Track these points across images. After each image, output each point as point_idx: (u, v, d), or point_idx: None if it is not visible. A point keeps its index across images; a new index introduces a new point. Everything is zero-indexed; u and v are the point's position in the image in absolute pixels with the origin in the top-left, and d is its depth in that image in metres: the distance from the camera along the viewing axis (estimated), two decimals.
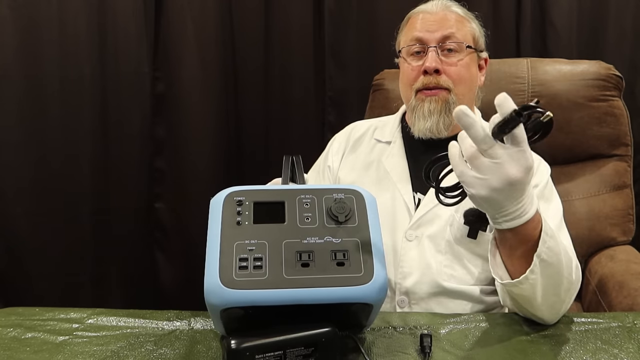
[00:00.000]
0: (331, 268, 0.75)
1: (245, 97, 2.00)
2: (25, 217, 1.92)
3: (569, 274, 0.91)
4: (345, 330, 0.82)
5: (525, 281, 0.87)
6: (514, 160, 0.77)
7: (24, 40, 1.86)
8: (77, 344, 0.88)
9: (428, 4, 1.24)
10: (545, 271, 0.87)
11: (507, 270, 0.91)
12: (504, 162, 0.76)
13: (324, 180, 1.31)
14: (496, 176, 0.77)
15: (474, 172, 0.79)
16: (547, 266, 0.87)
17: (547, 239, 0.85)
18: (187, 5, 1.91)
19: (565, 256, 0.90)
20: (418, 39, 1.20)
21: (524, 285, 0.87)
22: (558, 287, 0.90)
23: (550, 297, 0.90)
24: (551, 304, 0.91)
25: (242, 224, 0.78)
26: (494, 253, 0.92)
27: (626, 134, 1.55)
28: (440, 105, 1.17)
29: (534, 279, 0.86)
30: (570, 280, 0.92)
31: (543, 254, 0.85)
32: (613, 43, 1.90)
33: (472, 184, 0.79)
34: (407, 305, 1.14)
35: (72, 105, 1.90)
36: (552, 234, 0.87)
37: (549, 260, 0.86)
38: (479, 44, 1.24)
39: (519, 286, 0.88)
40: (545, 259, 0.86)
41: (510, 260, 0.89)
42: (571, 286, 0.93)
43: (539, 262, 0.85)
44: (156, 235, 2.03)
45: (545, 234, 0.85)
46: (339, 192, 0.82)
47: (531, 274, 0.86)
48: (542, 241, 0.85)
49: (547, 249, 0.86)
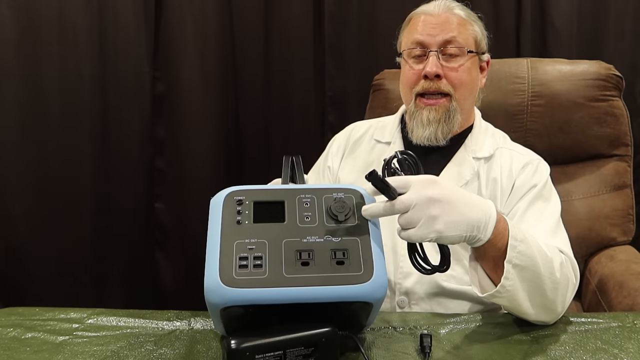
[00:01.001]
0: (331, 267, 0.76)
1: (245, 97, 2.00)
2: (25, 217, 1.92)
3: (550, 273, 0.91)
4: (345, 330, 0.82)
5: (503, 290, 0.87)
6: (419, 191, 0.80)
7: (24, 40, 1.86)
8: (77, 344, 0.88)
9: (430, 5, 1.22)
10: (522, 275, 0.87)
11: (492, 282, 0.91)
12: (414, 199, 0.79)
13: (324, 180, 1.31)
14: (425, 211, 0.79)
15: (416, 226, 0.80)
16: (522, 270, 0.87)
17: (517, 244, 0.86)
18: (187, 5, 1.91)
19: (543, 257, 0.90)
20: (419, 42, 1.18)
21: (503, 294, 0.88)
22: (541, 289, 0.90)
23: (536, 299, 0.90)
24: (541, 306, 0.91)
25: (242, 223, 0.78)
26: (475, 267, 0.92)
27: (626, 134, 1.55)
28: (440, 114, 1.17)
29: (512, 285, 0.87)
30: (553, 279, 0.91)
31: (514, 259, 0.86)
32: (613, 43, 1.90)
33: (425, 233, 0.80)
34: (407, 305, 1.14)
35: (72, 106, 1.91)
36: (522, 238, 0.88)
37: (523, 265, 0.87)
38: (481, 47, 1.22)
39: (498, 296, 0.88)
40: (518, 264, 0.86)
41: (495, 272, 0.89)
42: (558, 285, 0.92)
43: (512, 267, 0.86)
44: (156, 235, 2.03)
45: (514, 239, 0.86)
46: (338, 192, 0.82)
47: (506, 280, 0.86)
48: (511, 247, 0.86)
49: (518, 253, 0.86)
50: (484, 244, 0.86)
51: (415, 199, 0.79)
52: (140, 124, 1.95)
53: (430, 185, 0.81)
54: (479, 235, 0.84)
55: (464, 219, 0.82)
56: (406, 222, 0.81)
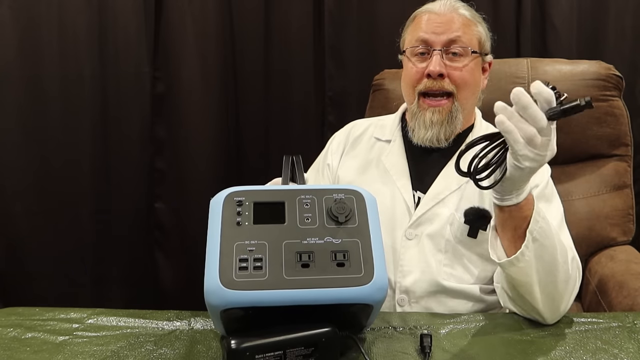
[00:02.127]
0: (331, 269, 0.75)
1: (245, 97, 2.00)
2: (25, 217, 1.92)
3: (565, 262, 0.93)
4: (345, 330, 0.82)
5: (521, 258, 0.89)
6: (554, 137, 0.85)
7: (24, 41, 1.86)
8: (77, 344, 0.88)
9: (435, 4, 1.22)
10: (539, 253, 0.90)
11: (506, 254, 0.93)
12: (553, 138, 0.85)
13: (324, 178, 1.31)
14: (549, 152, 0.85)
15: (535, 150, 0.83)
16: (540, 247, 0.90)
17: (539, 218, 0.90)
18: (187, 5, 1.91)
19: (560, 244, 0.93)
20: (423, 40, 1.18)
21: (520, 264, 0.89)
22: (554, 275, 0.91)
23: (547, 285, 0.91)
24: (550, 295, 0.92)
25: (242, 225, 0.78)
26: (495, 237, 0.94)
27: (626, 134, 1.55)
28: (443, 116, 1.17)
29: (529, 256, 0.89)
30: (566, 270, 0.93)
31: (535, 232, 0.89)
32: (613, 43, 1.90)
33: (532, 159, 0.84)
34: (407, 304, 1.14)
35: (72, 106, 1.91)
36: (543, 215, 0.91)
37: (541, 241, 0.90)
38: (485, 48, 1.22)
39: (516, 264, 0.90)
40: (537, 239, 0.89)
41: (514, 243, 0.91)
42: (569, 279, 0.93)
43: (532, 240, 0.89)
44: (156, 235, 2.03)
45: (537, 214, 0.90)
46: (339, 193, 0.82)
47: (526, 249, 0.89)
48: (534, 220, 0.89)
49: (540, 228, 0.89)
50: (514, 205, 0.89)
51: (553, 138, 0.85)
52: (140, 124, 1.95)
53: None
54: (519, 191, 0.88)
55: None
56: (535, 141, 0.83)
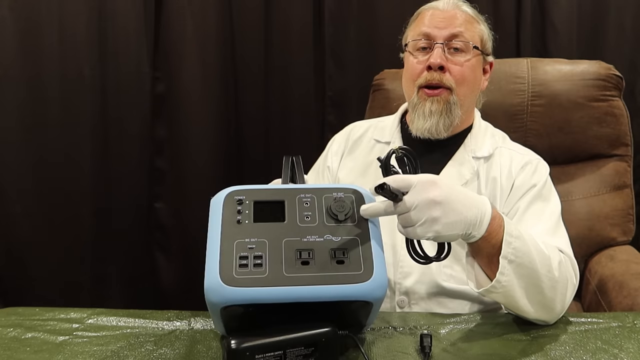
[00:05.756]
0: (331, 266, 0.76)
1: (245, 97, 2.00)
2: (25, 217, 1.92)
3: (548, 271, 0.91)
4: (345, 330, 0.82)
5: (498, 285, 0.87)
6: (420, 193, 0.80)
7: (24, 41, 1.86)
8: (77, 344, 0.88)
9: (439, 2, 1.23)
10: (518, 271, 0.88)
11: (488, 279, 0.91)
12: (416, 201, 0.80)
13: (324, 180, 1.31)
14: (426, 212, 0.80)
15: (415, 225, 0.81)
16: (518, 266, 0.88)
17: (512, 240, 0.87)
18: (187, 5, 1.91)
19: (540, 254, 0.91)
20: (425, 34, 1.19)
21: (499, 290, 0.88)
22: (538, 286, 0.90)
23: (534, 296, 0.90)
24: (540, 304, 0.91)
25: (242, 223, 0.78)
26: (472, 263, 0.93)
27: (626, 134, 1.55)
28: (442, 106, 1.17)
29: (507, 280, 0.87)
30: (551, 277, 0.91)
31: (509, 255, 0.87)
32: (613, 43, 1.90)
33: (424, 232, 0.81)
34: (407, 305, 1.14)
35: (72, 106, 1.91)
36: (517, 234, 0.88)
37: (518, 261, 0.87)
38: (486, 47, 1.23)
39: (494, 292, 0.89)
40: (513, 260, 0.87)
41: (492, 267, 0.89)
42: (556, 284, 0.92)
43: (507, 263, 0.87)
44: (156, 235, 2.03)
45: (509, 235, 0.87)
46: (338, 191, 0.83)
47: (502, 276, 0.87)
48: (506, 243, 0.87)
49: (514, 249, 0.87)
50: (477, 240, 0.87)
51: (417, 201, 0.80)
52: (140, 124, 1.95)
53: (431, 187, 0.81)
54: (473, 232, 0.85)
55: (462, 219, 0.83)
56: (406, 221, 0.81)
